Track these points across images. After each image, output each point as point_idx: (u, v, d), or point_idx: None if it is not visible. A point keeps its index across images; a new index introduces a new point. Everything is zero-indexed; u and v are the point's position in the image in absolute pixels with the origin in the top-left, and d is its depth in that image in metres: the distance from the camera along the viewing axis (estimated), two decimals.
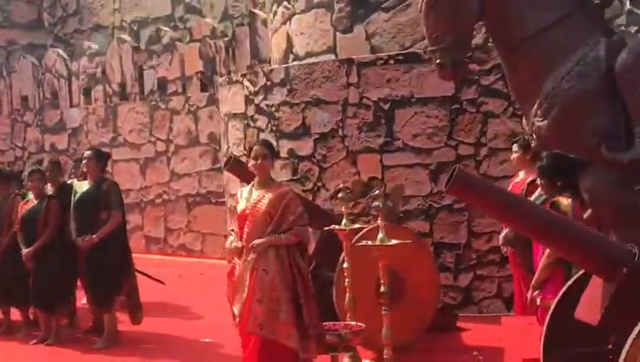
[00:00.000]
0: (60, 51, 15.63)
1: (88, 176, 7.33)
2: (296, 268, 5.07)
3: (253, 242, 5.05)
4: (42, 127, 15.27)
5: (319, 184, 8.21)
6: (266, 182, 5.22)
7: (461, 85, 7.61)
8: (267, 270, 5.02)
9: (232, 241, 5.21)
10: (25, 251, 7.32)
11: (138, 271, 8.12)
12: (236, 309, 5.10)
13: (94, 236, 7.00)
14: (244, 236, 5.14)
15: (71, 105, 14.91)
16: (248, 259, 5.08)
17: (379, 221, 5.01)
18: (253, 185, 5.27)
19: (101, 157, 7.38)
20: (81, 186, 7.31)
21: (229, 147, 9.72)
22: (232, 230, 5.32)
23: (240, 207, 5.21)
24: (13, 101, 15.89)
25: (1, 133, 16.08)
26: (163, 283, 9.04)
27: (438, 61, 5.20)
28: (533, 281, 4.88)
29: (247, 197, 5.21)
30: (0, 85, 16.10)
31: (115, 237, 7.13)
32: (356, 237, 5.85)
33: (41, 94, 15.41)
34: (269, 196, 5.12)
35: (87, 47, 15.18)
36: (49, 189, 7.59)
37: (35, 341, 7.41)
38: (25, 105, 15.69)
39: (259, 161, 5.16)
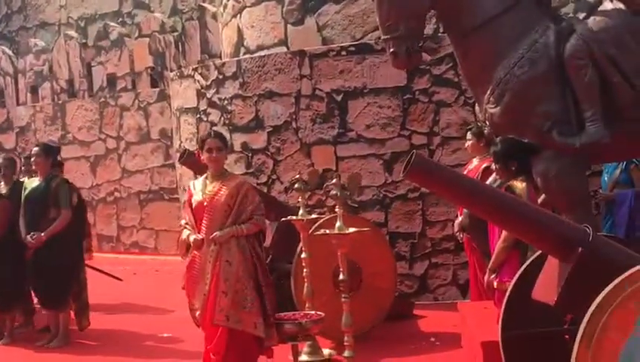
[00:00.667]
0: (5, 49, 15.30)
1: (38, 173, 7.16)
2: (257, 258, 5.11)
3: (214, 234, 5.03)
4: None
5: (274, 177, 8.20)
6: (221, 173, 5.21)
7: (413, 75, 7.67)
8: (230, 261, 5.01)
9: (188, 234, 5.16)
10: None
11: (92, 268, 8.01)
12: (197, 302, 5.07)
13: (42, 234, 6.86)
14: (204, 228, 5.11)
15: (18, 104, 14.62)
16: (210, 250, 5.05)
17: (336, 209, 5.02)
18: (206, 177, 5.24)
19: (50, 152, 7.21)
20: (32, 183, 7.14)
21: (181, 142, 9.65)
22: (186, 223, 5.26)
23: (196, 198, 5.16)
24: None
25: None
26: (120, 279, 8.93)
27: (391, 50, 5.24)
28: (489, 265, 4.95)
29: (202, 189, 5.17)
30: None
31: (64, 236, 6.98)
32: (314, 227, 5.86)
33: None
34: (226, 187, 5.10)
35: (33, 44, 14.88)
36: (2, 188, 7.42)
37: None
38: None
39: (213, 154, 5.13)
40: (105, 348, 6.93)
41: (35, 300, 7.52)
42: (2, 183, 7.46)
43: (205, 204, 5.10)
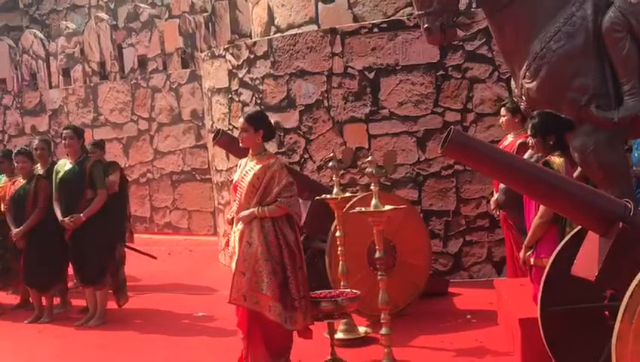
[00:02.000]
0: (37, 32, 15.42)
1: (69, 155, 7.23)
2: (284, 241, 5.03)
3: (240, 214, 5.06)
4: (22, 110, 15.10)
5: (306, 156, 8.19)
6: (258, 153, 5.18)
7: (446, 51, 7.60)
8: (250, 242, 5.01)
9: (232, 211, 5.26)
10: (14, 231, 7.26)
11: (128, 248, 8.11)
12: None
13: (81, 215, 6.94)
14: (235, 207, 5.18)
15: (50, 87, 14.74)
16: (237, 230, 5.09)
17: (372, 187, 5.01)
18: (248, 157, 5.26)
19: (80, 134, 7.31)
20: (63, 165, 7.21)
21: (213, 122, 9.67)
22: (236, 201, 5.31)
23: (234, 177, 5.25)
24: None
25: None
26: (154, 257, 9.02)
27: (425, 25, 5.19)
28: (525, 241, 4.90)
29: (242, 168, 5.21)
30: None
31: (101, 215, 7.06)
32: (348, 205, 5.86)
33: (20, 76, 15.21)
34: (255, 167, 5.11)
35: (64, 27, 14.98)
36: (38, 169, 7.52)
37: (28, 320, 7.38)
38: (3, 87, 15.49)
39: (240, 134, 5.18)
40: (142, 326, 7.03)
41: (70, 282, 7.65)
42: (39, 165, 7.55)
43: (237, 183, 5.14)
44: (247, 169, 5.17)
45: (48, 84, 14.79)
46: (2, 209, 7.59)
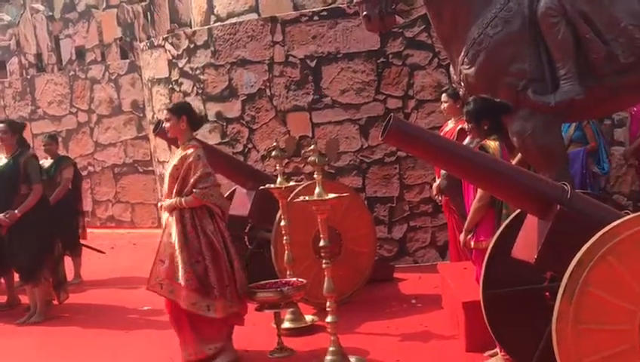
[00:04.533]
0: None
1: (4, 150, 7.08)
2: (202, 231, 5.09)
3: (160, 203, 5.21)
4: None
5: (249, 145, 8.15)
6: (184, 143, 5.25)
7: (386, 39, 7.63)
8: (170, 232, 5.11)
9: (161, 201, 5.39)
10: None
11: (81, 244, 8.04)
12: None
13: (16, 211, 6.81)
14: (164, 197, 5.32)
15: None
16: (163, 219, 5.22)
17: (315, 176, 5.01)
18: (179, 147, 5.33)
19: (16, 128, 7.16)
20: None
21: (154, 113, 9.55)
22: None
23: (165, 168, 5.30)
24: None
25: None
26: (103, 252, 8.89)
27: (364, 13, 5.19)
28: (465, 225, 4.97)
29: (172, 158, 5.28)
30: None
31: (36, 211, 6.93)
32: (292, 194, 5.85)
33: None
34: (175, 158, 5.21)
35: None
36: None
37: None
38: None
39: (165, 125, 5.27)
40: (86, 321, 6.92)
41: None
42: None
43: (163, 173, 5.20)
44: (172, 159, 5.27)
45: None
46: None
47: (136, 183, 12.51)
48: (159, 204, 5.41)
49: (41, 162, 7.62)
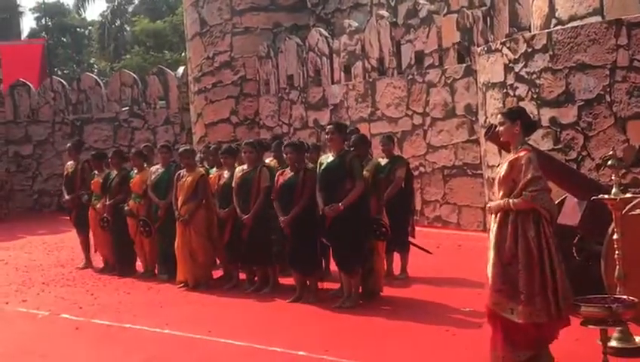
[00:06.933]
0: (322, 30, 16.32)
1: (332, 149, 7.69)
2: (522, 234, 5.02)
3: (490, 203, 5.25)
4: (306, 104, 16.09)
5: (584, 153, 7.81)
6: (516, 147, 5.25)
7: None
8: (500, 237, 5.09)
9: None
10: (282, 219, 7.81)
11: (410, 243, 8.52)
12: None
13: (340, 204, 7.31)
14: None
15: (332, 82, 15.53)
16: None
17: None
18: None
19: (343, 130, 7.82)
20: (327, 158, 7.71)
21: (487, 118, 9.58)
22: None
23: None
24: (280, 80, 16.89)
25: (269, 111, 17.19)
26: (430, 252, 9.21)
27: None
28: None
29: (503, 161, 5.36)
30: (268, 65, 17.20)
31: (358, 206, 7.42)
32: (628, 206, 5.51)
33: (305, 73, 16.21)
34: (506, 161, 5.21)
35: (347, 24, 15.68)
36: (309, 164, 8.11)
37: (291, 299, 7.98)
38: (290, 83, 16.62)
39: (499, 128, 5.37)
40: (397, 313, 7.22)
41: None
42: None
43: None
44: (503, 162, 5.29)
45: (330, 79, 15.59)
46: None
47: (464, 186, 12.66)
48: (487, 206, 5.43)
49: (378, 160, 8.24)
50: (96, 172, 10.73)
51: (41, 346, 6.96)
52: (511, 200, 5.06)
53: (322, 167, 7.60)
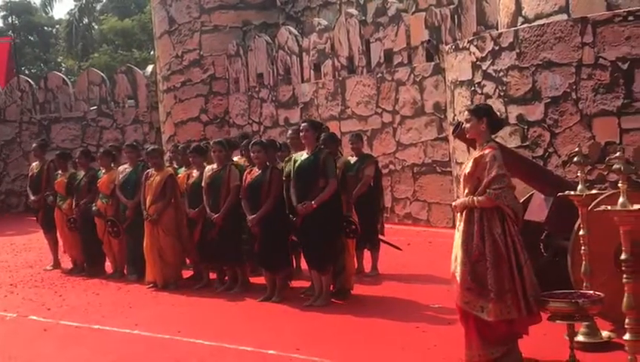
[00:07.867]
0: (292, 28, 16.30)
1: (306, 146, 7.63)
2: (488, 232, 5.07)
3: (455, 201, 5.36)
4: (276, 103, 16.07)
5: (550, 150, 7.90)
6: (481, 144, 5.28)
7: None
8: (459, 229, 5.19)
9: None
10: (250, 217, 7.78)
11: (380, 240, 8.49)
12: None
13: (313, 202, 7.31)
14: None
15: (302, 81, 15.53)
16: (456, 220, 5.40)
17: (619, 185, 4.72)
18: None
19: (317, 128, 7.75)
20: (300, 156, 7.67)
21: (455, 115, 9.65)
22: None
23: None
24: (250, 78, 16.85)
25: (239, 109, 17.14)
26: (399, 248, 9.24)
27: None
28: None
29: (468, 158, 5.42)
30: (237, 64, 17.15)
31: (330, 204, 7.41)
32: (594, 202, 5.58)
33: (275, 71, 16.19)
34: (471, 158, 5.27)
35: (316, 23, 15.69)
36: (280, 163, 8.10)
37: (262, 298, 7.96)
38: (260, 81, 16.58)
39: (465, 125, 5.36)
40: (367, 311, 7.23)
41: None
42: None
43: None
44: (469, 159, 5.34)
45: (300, 78, 15.58)
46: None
47: (434, 183, 12.74)
48: (453, 204, 5.47)
49: (347, 159, 8.25)
50: (60, 172, 10.61)
51: (8, 348, 6.88)
52: (475, 198, 5.10)
53: (296, 165, 7.57)
